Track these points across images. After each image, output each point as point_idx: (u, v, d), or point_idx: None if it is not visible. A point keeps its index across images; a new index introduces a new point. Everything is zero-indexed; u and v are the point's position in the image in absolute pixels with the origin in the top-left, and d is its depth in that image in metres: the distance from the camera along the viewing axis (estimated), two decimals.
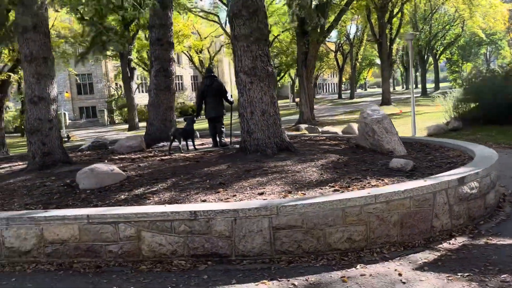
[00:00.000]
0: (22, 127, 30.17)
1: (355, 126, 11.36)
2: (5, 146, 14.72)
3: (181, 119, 12.18)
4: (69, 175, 5.92)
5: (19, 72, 15.12)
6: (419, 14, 39.63)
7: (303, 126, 17.86)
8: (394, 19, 31.65)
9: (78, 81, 42.13)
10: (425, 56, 42.76)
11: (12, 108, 37.20)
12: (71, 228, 3.77)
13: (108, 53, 29.88)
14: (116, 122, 43.02)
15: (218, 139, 8.39)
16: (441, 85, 49.92)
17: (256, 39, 6.17)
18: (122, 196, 4.65)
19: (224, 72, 55.43)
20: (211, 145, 8.55)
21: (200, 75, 52.60)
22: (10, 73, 14.58)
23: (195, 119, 8.24)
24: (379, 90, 46.07)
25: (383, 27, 28.06)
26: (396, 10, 30.77)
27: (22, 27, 6.45)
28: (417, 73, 50.65)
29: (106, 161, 7.15)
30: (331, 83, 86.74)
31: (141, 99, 47.11)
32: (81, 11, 27.90)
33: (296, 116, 27.49)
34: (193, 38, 42.11)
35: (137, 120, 27.80)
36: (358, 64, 49.71)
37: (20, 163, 8.38)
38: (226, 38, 51.34)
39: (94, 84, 43.15)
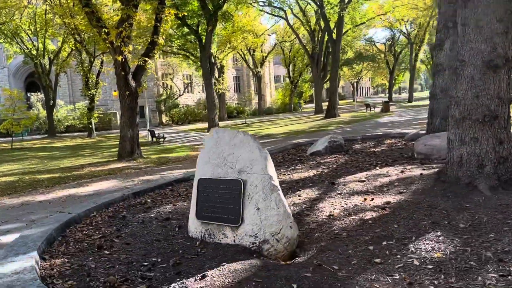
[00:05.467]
0: (90, 126, 27.10)
1: None
2: (139, 147, 11.77)
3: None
4: None
5: (156, 57, 12.21)
6: None
7: None
8: None
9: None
10: None
11: (62, 105, 34.23)
12: None
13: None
14: (164, 122, 40.23)
15: None
16: None
17: None
18: None
19: (265, 72, 52.51)
20: None
21: (253, 75, 49.91)
22: (145, 58, 11.69)
23: None
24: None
25: None
26: None
27: None
28: None
29: None
30: (365, 87, 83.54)
31: (187, 99, 44.32)
32: None
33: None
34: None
35: (217, 120, 24.71)
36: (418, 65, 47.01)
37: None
38: (279, 36, 48.70)
39: (142, 82, 40.36)
